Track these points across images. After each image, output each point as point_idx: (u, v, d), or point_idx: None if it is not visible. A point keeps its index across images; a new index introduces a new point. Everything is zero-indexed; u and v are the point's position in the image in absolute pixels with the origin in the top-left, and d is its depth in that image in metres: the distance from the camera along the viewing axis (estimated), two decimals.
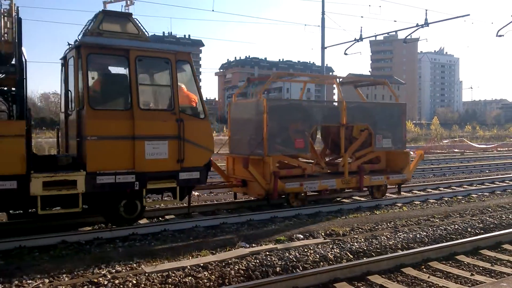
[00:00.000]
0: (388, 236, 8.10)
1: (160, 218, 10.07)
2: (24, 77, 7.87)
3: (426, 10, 22.02)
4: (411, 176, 13.21)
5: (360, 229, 8.78)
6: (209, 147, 9.28)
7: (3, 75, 7.81)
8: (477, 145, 40.25)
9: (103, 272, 6.06)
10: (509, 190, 14.17)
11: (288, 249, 7.21)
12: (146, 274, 5.95)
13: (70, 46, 9.07)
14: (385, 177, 12.33)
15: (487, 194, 13.55)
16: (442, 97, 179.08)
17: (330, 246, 7.40)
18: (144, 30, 9.08)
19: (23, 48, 7.87)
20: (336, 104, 12.05)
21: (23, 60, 7.90)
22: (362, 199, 12.47)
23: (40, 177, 7.62)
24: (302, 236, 8.15)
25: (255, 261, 6.54)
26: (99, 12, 8.87)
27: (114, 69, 9.36)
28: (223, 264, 6.41)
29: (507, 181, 16.27)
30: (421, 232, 8.33)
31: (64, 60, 9.53)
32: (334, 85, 15.51)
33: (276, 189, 10.42)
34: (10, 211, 8.49)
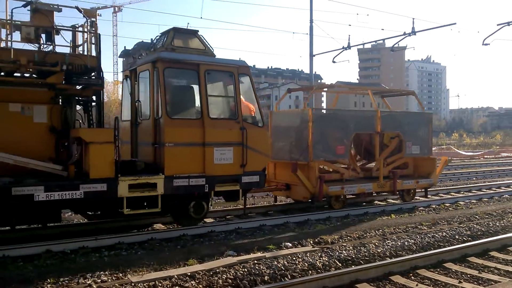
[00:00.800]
0: (376, 243, 8.10)
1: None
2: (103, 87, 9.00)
3: (413, 18, 22.23)
4: (437, 180, 14.26)
5: (348, 237, 8.76)
6: (267, 153, 10.25)
7: (88, 86, 8.79)
8: (464, 153, 40.65)
9: (88, 282, 5.95)
10: (496, 198, 14.30)
11: (277, 257, 7.17)
12: (132, 284, 5.86)
13: (137, 60, 10.16)
14: (415, 182, 13.17)
15: (475, 201, 13.65)
16: (429, 105, 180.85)
17: (319, 254, 7.36)
18: (209, 46, 9.98)
19: None
20: (371, 113, 12.86)
21: (102, 71, 8.88)
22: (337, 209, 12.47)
23: (126, 180, 8.43)
24: (290, 244, 8.11)
25: (243, 270, 6.48)
26: (170, 29, 9.81)
27: (185, 82, 10.03)
28: (211, 273, 6.35)
29: (494, 189, 16.42)
30: (409, 240, 8.34)
31: (131, 73, 10.27)
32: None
33: (322, 192, 11.27)
34: (89, 213, 9.17)
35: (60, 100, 8.93)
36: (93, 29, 8.73)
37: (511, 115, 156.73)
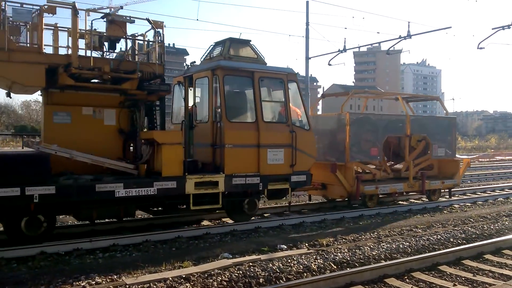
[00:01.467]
0: (371, 246, 8.10)
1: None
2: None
3: (409, 22, 22.29)
4: (460, 181, 15.11)
5: (343, 239, 8.77)
6: (313, 154, 11.01)
7: (155, 92, 9.61)
8: (459, 156, 40.72)
9: (82, 284, 5.92)
10: (491, 201, 14.36)
11: (272, 260, 7.16)
12: (127, 286, 5.84)
13: (191, 67, 11.06)
14: (440, 182, 14.03)
15: (469, 204, 13.70)
16: (424, 108, 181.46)
17: (314, 256, 7.36)
18: (260, 54, 10.81)
19: None
20: (401, 117, 13.72)
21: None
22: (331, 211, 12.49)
23: (193, 178, 9.26)
24: (285, 247, 8.11)
25: (238, 272, 6.47)
26: (226, 39, 10.66)
27: (241, 88, 10.79)
28: (206, 275, 6.33)
29: (489, 192, 16.49)
30: (404, 243, 8.36)
31: (185, 79, 10.99)
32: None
33: (359, 191, 12.08)
34: (154, 209, 9.83)
35: (128, 105, 9.72)
36: (160, 39, 9.54)
37: (506, 118, 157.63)
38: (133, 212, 9.39)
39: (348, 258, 7.32)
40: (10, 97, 10.53)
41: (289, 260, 7.10)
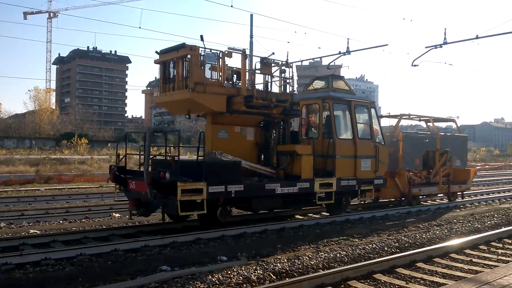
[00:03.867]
0: (310, 256, 8.23)
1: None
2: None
3: (348, 39, 23.11)
4: (470, 186, 19.47)
5: (283, 249, 8.85)
6: (386, 163, 14.21)
7: (289, 114, 12.39)
8: None
9: None
10: (423, 210, 15.03)
11: (212, 271, 7.09)
12: None
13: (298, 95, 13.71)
14: (458, 186, 17.77)
15: (404, 214, 14.26)
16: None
17: (254, 267, 7.36)
18: (350, 87, 14.14)
19: None
20: (434, 135, 17.53)
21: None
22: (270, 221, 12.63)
23: (318, 180, 12.12)
24: (226, 258, 8.07)
25: (176, 285, 6.35)
26: (328, 76, 14.02)
27: (342, 113, 13.64)
28: None
29: (422, 202, 17.27)
30: (341, 252, 8.55)
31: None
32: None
33: (411, 192, 15.63)
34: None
35: (263, 124, 12.34)
36: (292, 75, 12.51)
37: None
38: (281, 205, 11.90)
39: (288, 268, 7.39)
40: (190, 118, 12.75)
41: (229, 272, 7.06)
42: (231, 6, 22.08)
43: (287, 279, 6.81)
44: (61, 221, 12.08)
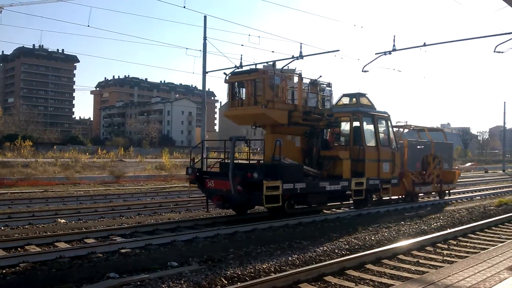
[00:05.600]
0: (262, 259, 8.21)
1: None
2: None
3: (301, 43, 23.41)
4: (456, 185, 22.98)
5: (236, 253, 8.78)
6: (399, 166, 17.20)
7: (331, 126, 15.59)
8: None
9: None
10: (373, 212, 15.40)
11: (162, 278, 6.92)
12: None
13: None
14: (447, 186, 20.82)
15: (355, 216, 14.55)
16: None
17: (205, 272, 7.25)
18: (372, 102, 16.89)
19: None
20: (430, 143, 20.35)
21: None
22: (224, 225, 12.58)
23: (354, 180, 14.77)
24: (176, 264, 7.91)
25: None
26: (356, 93, 16.90)
27: (369, 125, 16.33)
28: None
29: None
30: (293, 255, 8.59)
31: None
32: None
33: (414, 190, 18.67)
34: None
35: (307, 133, 14.71)
36: (331, 93, 15.42)
37: None
38: (327, 199, 14.58)
39: (239, 272, 7.32)
40: (255, 129, 15.01)
41: (179, 277, 6.92)
42: (184, 7, 21.84)
43: (238, 283, 6.74)
44: (2, 227, 11.44)
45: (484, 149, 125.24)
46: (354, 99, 16.79)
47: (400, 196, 18.79)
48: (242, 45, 25.60)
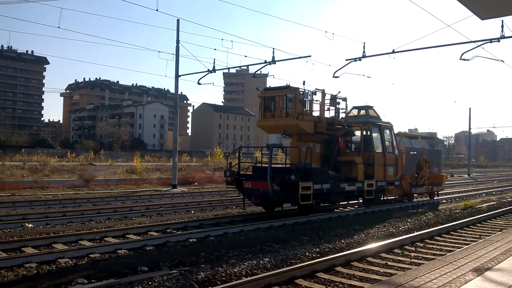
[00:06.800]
0: (234, 263, 8.22)
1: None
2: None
3: (274, 49, 23.72)
4: (444, 187, 25.45)
5: (207, 258, 8.76)
6: (400, 169, 19.47)
7: (347, 135, 17.41)
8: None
9: None
10: (343, 216, 15.59)
11: (132, 283, 6.85)
12: None
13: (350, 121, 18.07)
14: (436, 187, 23.13)
15: (325, 219, 14.70)
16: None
17: (176, 277, 7.21)
18: (378, 113, 19.20)
19: None
20: (422, 149, 23.18)
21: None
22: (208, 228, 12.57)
23: (366, 181, 16.90)
24: (147, 268, 7.84)
25: None
26: (365, 106, 19.23)
27: (377, 134, 18.46)
28: None
29: (341, 208, 17.94)
30: (264, 258, 8.62)
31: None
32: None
33: (411, 191, 20.73)
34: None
35: (325, 141, 16.66)
36: (346, 106, 17.76)
37: None
38: (345, 198, 17.20)
39: (211, 277, 7.31)
40: (285, 137, 16.82)
41: (150, 283, 6.86)
42: (156, 10, 21.70)
43: None
44: None
45: (450, 154, 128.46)
46: (363, 111, 19.08)
47: (398, 197, 20.59)
48: (215, 49, 25.63)
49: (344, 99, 17.17)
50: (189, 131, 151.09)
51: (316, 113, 16.08)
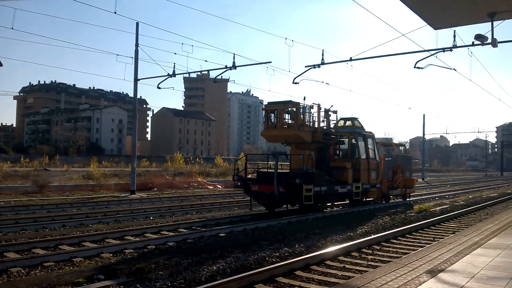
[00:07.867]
0: (193, 270, 8.14)
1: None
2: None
3: (234, 54, 23.72)
4: (414, 190, 28.14)
5: (166, 265, 8.64)
6: (382, 173, 21.81)
7: (337, 144, 20.09)
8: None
9: None
10: (303, 220, 15.73)
11: None
12: None
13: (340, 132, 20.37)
14: (408, 190, 25.69)
15: (285, 224, 14.80)
16: (248, 135, 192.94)
17: (134, 285, 7.08)
18: (362, 124, 21.38)
19: None
20: (396, 156, 25.37)
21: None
22: (170, 233, 12.41)
23: (354, 184, 19.12)
24: (103, 276, 7.65)
25: None
26: (351, 118, 21.50)
27: (362, 142, 20.65)
28: None
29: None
30: (224, 264, 8.59)
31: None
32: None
33: (389, 193, 23.13)
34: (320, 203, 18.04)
35: (318, 148, 18.51)
36: (337, 118, 20.60)
37: None
38: (337, 200, 19.57)
39: (170, 284, 7.22)
40: (286, 145, 18.32)
41: None
42: (115, 12, 21.29)
43: None
44: None
45: None
46: (349, 122, 21.28)
47: (376, 198, 22.75)
48: (175, 53, 25.40)
49: (335, 112, 19.38)
50: (148, 136, 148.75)
51: (317, 125, 18.33)
